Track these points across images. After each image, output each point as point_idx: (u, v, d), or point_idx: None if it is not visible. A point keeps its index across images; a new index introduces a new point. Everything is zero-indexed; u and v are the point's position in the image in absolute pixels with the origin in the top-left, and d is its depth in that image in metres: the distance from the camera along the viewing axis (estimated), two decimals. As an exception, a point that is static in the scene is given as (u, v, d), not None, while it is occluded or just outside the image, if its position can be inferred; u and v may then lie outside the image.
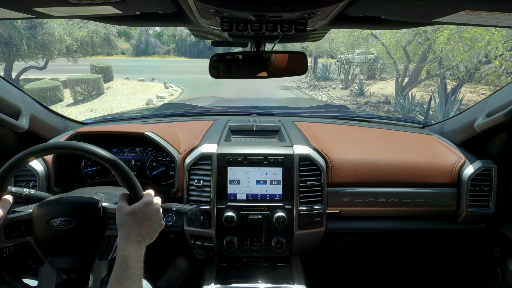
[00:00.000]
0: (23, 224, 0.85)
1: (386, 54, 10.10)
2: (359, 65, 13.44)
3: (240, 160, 1.25)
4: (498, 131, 1.29)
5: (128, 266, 0.71)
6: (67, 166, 1.33)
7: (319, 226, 1.26)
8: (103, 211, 0.89)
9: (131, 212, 0.80)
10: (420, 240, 1.54)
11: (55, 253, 0.87)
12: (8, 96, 1.19)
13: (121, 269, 0.71)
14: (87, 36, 13.44)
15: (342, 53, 13.68)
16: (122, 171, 0.84)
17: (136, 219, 0.79)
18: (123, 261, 0.72)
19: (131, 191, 0.84)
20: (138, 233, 0.78)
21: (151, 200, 0.84)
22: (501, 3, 0.63)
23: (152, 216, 0.83)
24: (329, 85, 13.55)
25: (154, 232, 0.84)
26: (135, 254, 0.74)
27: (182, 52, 29.41)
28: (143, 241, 0.79)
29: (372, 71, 13.53)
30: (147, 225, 0.81)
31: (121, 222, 0.80)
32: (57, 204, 0.88)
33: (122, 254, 0.73)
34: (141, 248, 0.78)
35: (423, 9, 0.75)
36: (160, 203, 0.89)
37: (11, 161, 0.83)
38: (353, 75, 12.91)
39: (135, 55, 28.92)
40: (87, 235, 0.87)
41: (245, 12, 0.70)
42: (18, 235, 0.84)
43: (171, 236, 1.32)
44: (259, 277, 1.27)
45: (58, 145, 0.89)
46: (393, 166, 1.31)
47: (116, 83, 13.40)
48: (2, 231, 0.82)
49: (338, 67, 14.82)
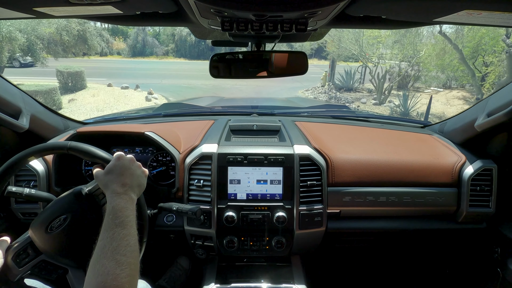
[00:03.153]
0: (28, 247, 0.85)
1: (430, 60, 8.48)
2: (387, 72, 10.67)
3: (240, 160, 1.25)
4: (499, 130, 1.29)
5: (116, 215, 0.71)
6: (68, 166, 1.33)
7: (319, 226, 1.26)
8: (89, 193, 0.90)
9: (108, 171, 0.81)
10: (421, 240, 1.54)
11: (68, 253, 0.87)
12: (9, 96, 1.19)
13: (110, 218, 0.71)
14: (55, 33, 11.32)
15: (375, 57, 10.69)
16: (81, 148, 0.85)
17: (114, 174, 0.80)
18: (110, 212, 0.72)
19: (100, 159, 0.86)
20: (122, 183, 0.79)
21: (121, 154, 0.85)
22: (501, 2, 0.63)
23: (130, 165, 0.84)
24: (357, 98, 10.64)
25: (139, 179, 0.85)
26: (123, 203, 0.74)
27: (181, 53, 27.68)
28: (130, 190, 0.79)
29: (404, 79, 10.96)
30: (129, 174, 0.82)
31: (103, 183, 0.80)
32: (46, 210, 0.89)
33: (110, 207, 0.73)
34: (129, 198, 0.78)
35: (424, 9, 0.75)
36: (132, 156, 0.89)
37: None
38: (385, 86, 10.27)
39: (131, 55, 26.93)
40: (87, 222, 0.87)
41: (246, 12, 0.70)
42: (30, 259, 0.85)
43: (172, 236, 1.32)
44: (259, 277, 1.27)
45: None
46: (393, 166, 1.31)
47: (86, 93, 10.70)
48: (13, 264, 0.83)
49: (361, 73, 12.41)
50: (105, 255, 0.63)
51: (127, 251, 0.65)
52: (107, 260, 0.62)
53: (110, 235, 0.67)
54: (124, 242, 0.66)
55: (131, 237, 0.69)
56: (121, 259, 0.63)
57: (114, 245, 0.65)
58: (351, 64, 13.56)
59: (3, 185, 0.84)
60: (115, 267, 0.61)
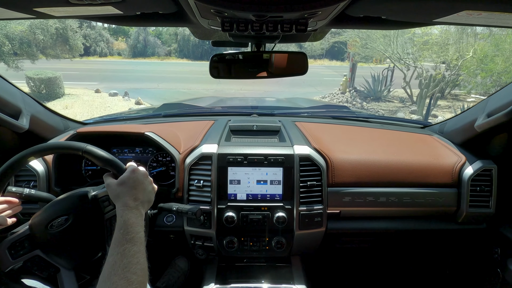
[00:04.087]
0: (25, 240, 0.85)
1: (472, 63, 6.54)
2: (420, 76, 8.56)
3: (240, 160, 1.25)
4: (499, 131, 1.29)
5: (127, 230, 0.71)
6: (67, 166, 1.33)
7: (319, 226, 1.26)
8: (95, 198, 0.90)
9: (121, 182, 0.81)
10: (421, 240, 1.54)
11: (64, 253, 0.87)
12: (9, 96, 1.19)
13: (120, 233, 0.70)
14: (28, 32, 9.60)
15: (410, 59, 8.57)
16: (97, 153, 0.85)
17: (128, 187, 0.80)
18: (122, 226, 0.72)
19: (113, 168, 0.85)
20: (134, 197, 0.79)
21: (135, 167, 0.85)
22: (501, 3, 0.63)
23: (143, 180, 0.84)
24: (390, 111, 8.77)
25: (150, 194, 0.85)
26: (134, 219, 0.74)
27: (184, 53, 26.40)
28: (141, 205, 0.79)
29: (445, 85, 8.80)
30: (141, 189, 0.82)
31: (114, 194, 0.80)
32: (50, 208, 0.89)
33: (121, 220, 0.73)
34: (140, 213, 0.78)
35: (424, 9, 0.75)
36: (145, 170, 0.89)
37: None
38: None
39: (131, 56, 25.77)
40: (88, 226, 0.87)
41: (246, 12, 0.70)
42: (25, 252, 0.85)
43: (171, 236, 1.32)
44: (259, 277, 1.26)
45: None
46: (393, 166, 1.31)
47: (59, 104, 8.84)
48: (7, 254, 0.83)
49: (386, 76, 10.10)
50: (115, 272, 0.63)
51: (138, 269, 0.65)
52: (118, 278, 0.62)
53: (121, 251, 0.67)
54: (134, 260, 0.66)
55: (141, 255, 0.69)
56: (131, 277, 0.63)
57: (125, 262, 0.65)
58: (372, 66, 11.17)
59: (7, 180, 0.84)
60: (126, 286, 0.61)
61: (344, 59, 17.15)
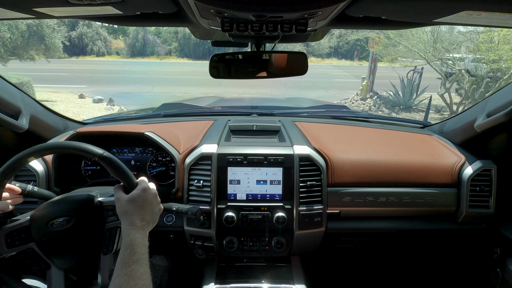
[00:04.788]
0: (23, 231, 0.85)
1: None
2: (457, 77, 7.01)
3: (240, 160, 1.25)
4: (498, 131, 1.29)
5: (134, 250, 0.71)
6: (67, 166, 1.33)
7: (319, 226, 1.26)
8: (100, 205, 0.89)
9: (131, 199, 0.80)
10: (420, 240, 1.54)
11: (59, 254, 0.87)
12: (8, 96, 1.19)
13: (127, 253, 0.70)
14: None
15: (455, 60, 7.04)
16: (113, 163, 0.84)
17: (137, 205, 0.80)
18: (129, 246, 0.72)
19: (125, 181, 0.85)
20: (142, 218, 0.79)
21: (147, 185, 0.85)
22: (501, 3, 0.63)
23: (152, 201, 0.84)
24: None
25: (156, 216, 0.85)
26: (140, 239, 0.74)
27: (185, 52, 25.40)
28: (146, 226, 0.79)
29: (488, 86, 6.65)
30: (149, 210, 0.82)
31: (122, 210, 0.79)
32: (55, 205, 0.88)
33: (128, 240, 0.73)
34: (145, 234, 0.78)
35: (424, 9, 0.75)
36: (155, 188, 0.89)
37: (11, 161, 0.83)
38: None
39: (130, 55, 24.52)
40: (87, 232, 0.87)
41: (246, 13, 0.70)
42: (20, 243, 0.84)
43: (171, 236, 1.32)
44: (259, 277, 1.26)
45: (38, 148, 0.88)
46: (393, 166, 1.31)
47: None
48: (3, 241, 0.82)
49: (413, 79, 8.33)
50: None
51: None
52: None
53: (128, 273, 0.67)
54: (141, 282, 0.66)
55: (147, 276, 0.69)
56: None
57: (132, 284, 0.65)
58: (387, 66, 9.48)
59: (11, 176, 0.84)
60: None
61: (353, 58, 15.61)
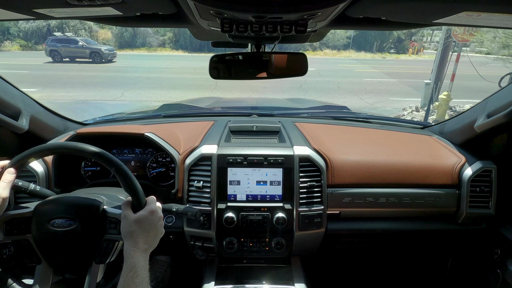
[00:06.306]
0: (24, 221, 0.85)
1: None
2: None
3: (240, 161, 1.25)
4: (498, 132, 1.29)
5: (137, 273, 0.72)
6: (67, 167, 1.33)
7: (319, 227, 1.26)
8: (104, 214, 0.89)
9: (138, 220, 0.80)
10: (420, 241, 1.53)
11: (53, 253, 0.87)
12: (8, 96, 1.19)
13: (130, 275, 0.71)
14: None
15: None
16: (127, 177, 0.84)
17: (142, 227, 0.80)
18: (132, 268, 0.72)
19: (135, 198, 0.84)
20: (146, 241, 0.79)
21: (155, 208, 0.85)
22: (501, 4, 0.63)
23: (157, 224, 0.84)
24: None
25: (158, 239, 0.86)
26: (143, 262, 0.75)
27: (181, 44, 22.94)
28: (149, 249, 0.80)
29: None
30: (153, 234, 0.82)
31: (127, 230, 0.79)
32: (59, 204, 0.88)
33: (131, 262, 0.74)
34: (147, 257, 0.78)
35: (423, 10, 0.75)
36: (161, 213, 0.89)
37: (11, 162, 0.83)
38: None
39: (117, 47, 21.27)
40: (86, 238, 0.86)
41: (245, 14, 0.70)
42: (18, 233, 0.84)
43: (171, 237, 1.32)
44: (259, 278, 1.26)
45: (60, 145, 0.88)
46: (393, 167, 1.31)
47: None
48: (3, 226, 0.82)
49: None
50: None
51: None
52: None
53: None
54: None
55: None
56: None
57: None
58: (403, 59, 6.77)
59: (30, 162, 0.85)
60: None
61: (373, 50, 11.72)
